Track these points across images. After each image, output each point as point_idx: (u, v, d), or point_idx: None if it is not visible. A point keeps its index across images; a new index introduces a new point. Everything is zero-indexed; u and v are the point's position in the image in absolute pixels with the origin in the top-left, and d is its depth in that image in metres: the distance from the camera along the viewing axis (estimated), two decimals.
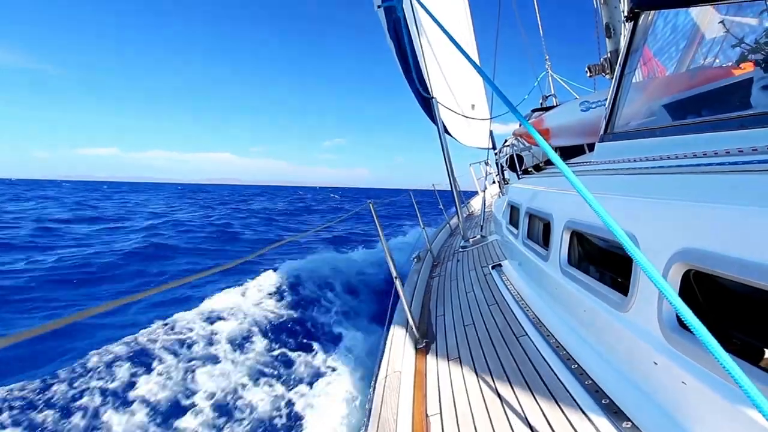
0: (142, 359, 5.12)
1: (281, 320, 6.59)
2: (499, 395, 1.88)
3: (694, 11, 2.11)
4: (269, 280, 8.32)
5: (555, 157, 1.36)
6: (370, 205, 2.99)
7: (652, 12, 2.27)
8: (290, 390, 4.90)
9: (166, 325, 5.98)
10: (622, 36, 4.33)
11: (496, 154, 7.90)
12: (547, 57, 10.36)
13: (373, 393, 2.29)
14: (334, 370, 5.31)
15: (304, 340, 6.08)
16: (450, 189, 6.48)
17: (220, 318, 6.40)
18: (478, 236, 5.91)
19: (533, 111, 6.24)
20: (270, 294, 7.61)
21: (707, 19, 2.03)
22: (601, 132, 2.58)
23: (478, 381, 2.06)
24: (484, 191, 8.86)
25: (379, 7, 6.08)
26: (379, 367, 2.54)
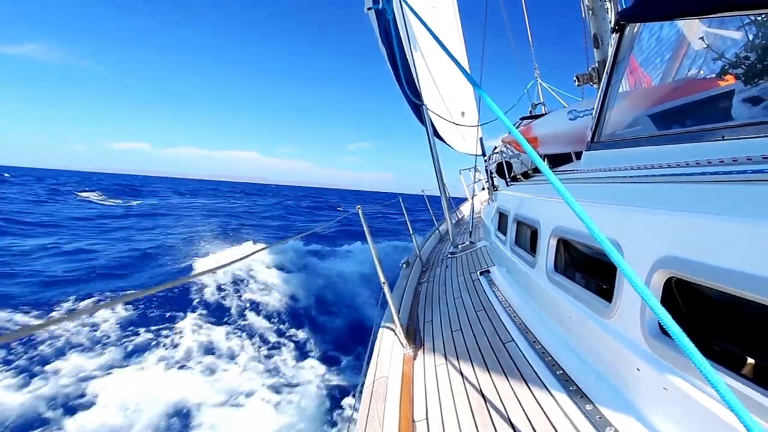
0: None
1: None
2: (485, 400, 1.88)
3: (679, 24, 2.16)
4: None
5: (541, 165, 1.37)
6: (359, 210, 2.98)
7: (638, 24, 2.32)
8: None
9: None
10: (610, 46, 4.40)
11: (485, 160, 7.96)
12: (536, 65, 10.50)
13: (360, 398, 2.28)
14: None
15: None
16: (440, 195, 6.52)
17: None
18: (467, 242, 5.94)
19: (522, 119, 6.30)
20: None
21: (692, 32, 2.07)
22: (588, 141, 2.61)
23: (465, 386, 2.06)
24: (473, 197, 8.91)
25: (369, 9, 6.08)
26: (366, 372, 2.53)
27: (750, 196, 1.11)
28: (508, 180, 5.19)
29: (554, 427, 1.56)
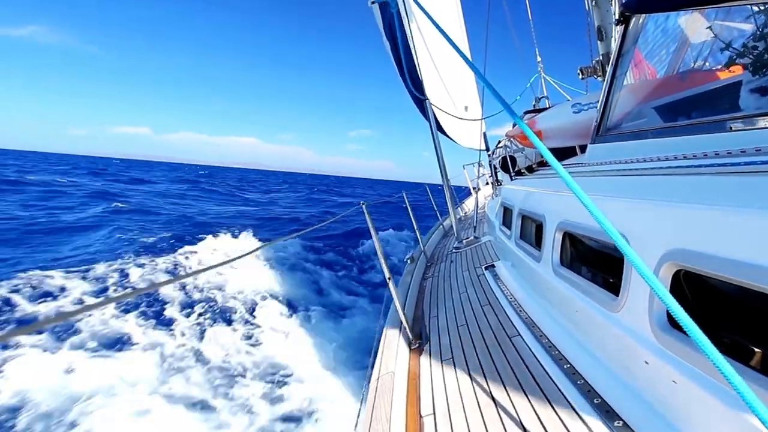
0: None
1: None
2: (492, 395, 1.89)
3: (684, 15, 2.14)
4: None
5: (550, 157, 1.36)
6: (363, 206, 2.99)
7: (643, 15, 2.30)
8: None
9: None
10: (613, 39, 4.38)
11: (489, 155, 7.94)
12: (540, 59, 10.41)
13: (366, 394, 2.29)
14: None
15: None
16: (443, 189, 6.51)
17: None
18: (472, 237, 5.93)
19: (525, 113, 6.28)
20: None
21: (697, 23, 2.05)
22: (593, 134, 2.60)
23: (472, 381, 2.07)
24: (477, 192, 8.90)
25: (373, 2, 6.06)
26: (372, 368, 2.54)
27: (758, 187, 1.10)
28: (512, 174, 5.18)
29: (562, 421, 1.56)
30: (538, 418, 1.62)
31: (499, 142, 6.93)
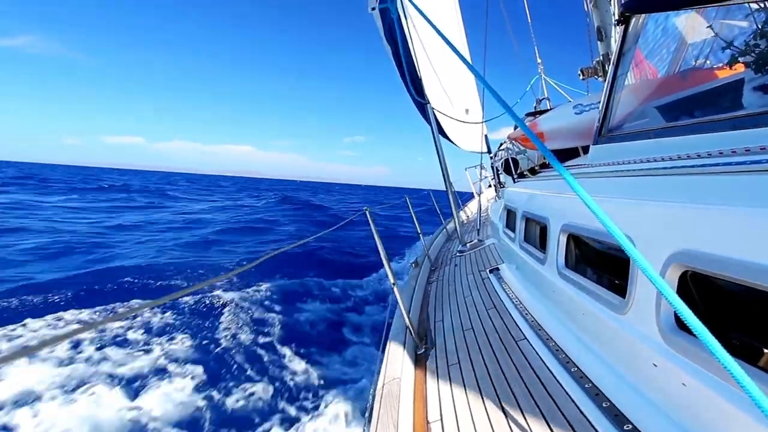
0: None
1: None
2: (499, 400, 1.87)
3: (685, 14, 2.13)
4: None
5: (553, 159, 1.36)
6: (366, 212, 2.98)
7: (643, 15, 2.29)
8: None
9: None
10: (613, 39, 4.38)
11: (491, 158, 7.93)
12: (540, 61, 10.41)
13: (373, 401, 2.27)
14: None
15: None
16: (446, 193, 6.50)
17: None
18: (475, 240, 5.92)
19: (527, 115, 6.27)
20: None
21: (698, 22, 2.05)
22: (595, 134, 2.59)
23: (479, 386, 2.05)
24: (480, 195, 8.88)
25: (373, 9, 6.12)
26: (378, 374, 2.53)
27: (764, 186, 1.09)
28: (515, 176, 5.17)
29: (570, 425, 1.54)
30: (547, 422, 1.61)
31: (501, 144, 6.93)
